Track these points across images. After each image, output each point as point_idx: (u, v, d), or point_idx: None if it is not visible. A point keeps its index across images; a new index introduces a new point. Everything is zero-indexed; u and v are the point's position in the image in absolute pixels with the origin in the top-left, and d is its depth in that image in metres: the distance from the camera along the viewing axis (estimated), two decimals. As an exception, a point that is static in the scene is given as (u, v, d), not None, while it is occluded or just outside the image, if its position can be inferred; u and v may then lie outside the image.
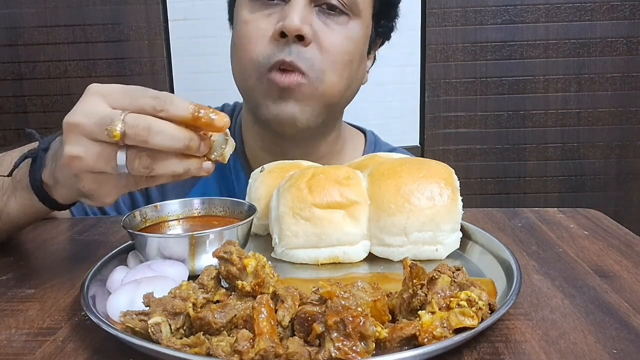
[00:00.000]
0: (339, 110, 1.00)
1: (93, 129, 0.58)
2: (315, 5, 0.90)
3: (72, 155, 0.59)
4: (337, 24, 0.91)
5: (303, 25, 0.86)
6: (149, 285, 0.56)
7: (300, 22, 0.86)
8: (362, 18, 0.94)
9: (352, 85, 0.97)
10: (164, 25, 2.39)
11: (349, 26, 0.92)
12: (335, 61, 0.91)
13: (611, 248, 0.74)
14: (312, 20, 0.89)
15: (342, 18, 0.92)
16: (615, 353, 0.49)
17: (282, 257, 0.70)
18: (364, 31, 0.95)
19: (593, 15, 2.35)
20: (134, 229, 0.68)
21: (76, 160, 0.59)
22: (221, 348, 0.46)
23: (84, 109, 0.60)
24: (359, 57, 0.96)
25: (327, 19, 0.91)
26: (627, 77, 2.40)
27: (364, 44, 0.97)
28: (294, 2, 0.88)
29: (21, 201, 0.73)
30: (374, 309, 0.50)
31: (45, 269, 0.73)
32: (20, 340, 0.55)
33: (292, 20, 0.85)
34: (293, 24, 0.85)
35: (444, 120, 2.45)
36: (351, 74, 0.94)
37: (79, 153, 0.59)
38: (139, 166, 0.58)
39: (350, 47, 0.93)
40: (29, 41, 2.41)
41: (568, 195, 2.49)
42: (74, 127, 0.59)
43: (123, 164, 0.58)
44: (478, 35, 2.38)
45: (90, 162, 0.59)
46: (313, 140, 1.01)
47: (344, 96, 0.97)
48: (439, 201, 0.68)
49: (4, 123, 2.48)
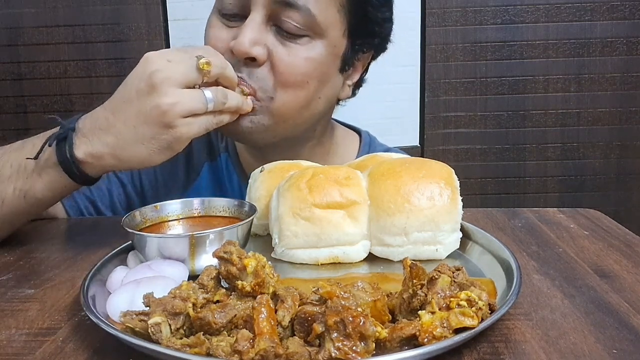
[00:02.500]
0: (301, 127, 0.96)
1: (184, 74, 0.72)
2: (273, 25, 0.87)
3: (170, 103, 0.70)
4: (297, 43, 0.87)
5: (253, 47, 0.84)
6: (149, 285, 0.56)
7: (250, 45, 0.84)
8: (327, 37, 0.89)
9: (312, 105, 0.93)
10: (164, 25, 2.39)
11: (310, 46, 0.88)
12: (288, 82, 0.87)
13: (611, 248, 0.75)
14: (267, 39, 0.86)
15: (302, 39, 0.88)
16: (615, 353, 0.49)
17: (282, 257, 0.70)
18: (329, 50, 0.90)
19: (593, 15, 2.35)
20: (134, 229, 0.68)
21: (174, 106, 0.70)
22: (221, 348, 0.46)
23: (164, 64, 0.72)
24: (321, 77, 0.91)
25: (284, 39, 0.87)
26: (627, 77, 2.40)
27: (329, 63, 0.92)
28: (248, 23, 0.85)
29: (48, 179, 0.77)
30: (374, 309, 0.50)
31: (45, 269, 0.74)
32: (20, 340, 0.55)
33: (241, 43, 0.84)
34: (241, 47, 0.84)
35: (443, 120, 2.45)
36: (308, 94, 0.90)
37: (176, 99, 0.71)
38: (221, 97, 0.76)
39: (307, 67, 0.88)
40: (29, 41, 2.41)
41: (568, 195, 2.49)
42: (163, 80, 0.71)
43: (211, 97, 0.74)
44: (478, 35, 2.38)
45: (187, 104, 0.72)
46: (292, 147, 0.99)
47: (301, 116, 0.92)
48: (438, 201, 0.68)
49: (4, 123, 2.48)
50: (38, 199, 0.79)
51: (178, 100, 0.71)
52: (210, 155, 1.10)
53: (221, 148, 1.10)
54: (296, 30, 0.86)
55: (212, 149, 1.10)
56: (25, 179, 0.78)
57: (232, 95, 0.80)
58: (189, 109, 0.72)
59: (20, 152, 0.80)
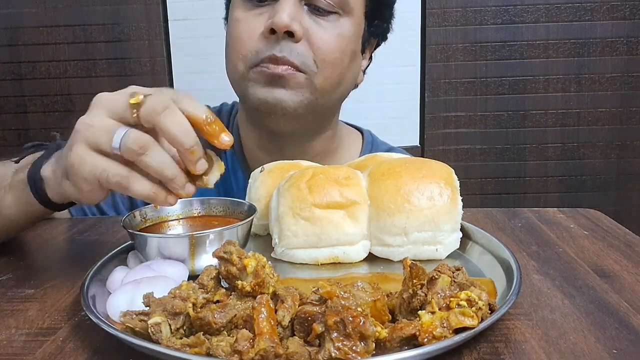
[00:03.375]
0: (331, 107, 1.00)
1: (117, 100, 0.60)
2: (306, 4, 0.91)
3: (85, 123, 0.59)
4: (328, 21, 0.92)
5: (292, 22, 0.87)
6: (149, 285, 0.56)
7: (289, 19, 0.87)
8: (353, 15, 0.95)
9: (344, 82, 0.97)
10: (164, 25, 2.38)
11: (339, 23, 0.93)
12: (326, 58, 0.92)
13: (611, 248, 0.75)
14: (302, 17, 0.90)
15: (332, 16, 0.92)
16: (615, 353, 0.49)
17: (282, 257, 0.70)
18: (355, 28, 0.96)
19: (593, 15, 2.35)
20: (134, 229, 0.68)
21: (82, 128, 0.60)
22: (221, 348, 0.46)
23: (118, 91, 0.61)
24: (351, 54, 0.96)
25: (317, 17, 0.92)
26: (627, 77, 2.40)
27: (355, 41, 0.97)
28: (284, 0, 0.88)
29: (17, 194, 0.72)
30: (374, 309, 0.50)
31: (45, 269, 0.73)
32: (20, 340, 0.55)
33: (281, 17, 0.87)
34: (282, 21, 0.86)
35: (443, 120, 2.45)
36: (342, 71, 0.95)
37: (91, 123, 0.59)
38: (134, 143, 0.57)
39: (341, 44, 0.93)
40: (29, 41, 2.41)
41: (568, 195, 2.49)
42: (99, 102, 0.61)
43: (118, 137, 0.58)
44: (478, 35, 2.38)
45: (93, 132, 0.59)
46: (308, 138, 1.01)
47: (335, 93, 0.97)
48: (438, 201, 0.68)
49: (4, 123, 2.48)
50: (6, 216, 0.75)
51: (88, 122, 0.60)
52: None
53: None
54: (328, 7, 0.91)
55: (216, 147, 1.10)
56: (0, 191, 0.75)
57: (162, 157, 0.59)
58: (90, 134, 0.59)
59: (7, 166, 0.77)
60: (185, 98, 0.59)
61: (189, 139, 0.58)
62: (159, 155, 0.58)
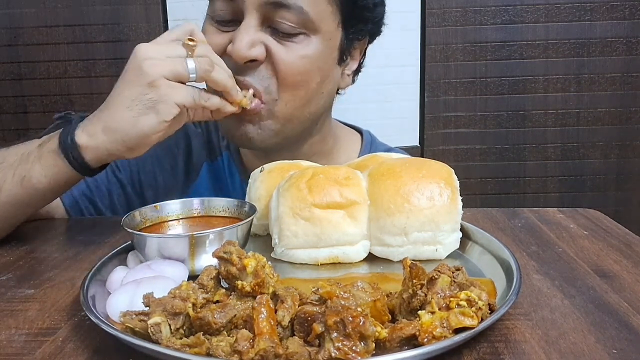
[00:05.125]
0: (305, 124, 0.96)
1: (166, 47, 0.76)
2: (268, 26, 0.87)
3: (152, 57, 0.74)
4: (293, 42, 0.88)
5: (251, 50, 0.85)
6: (149, 285, 0.56)
7: (247, 48, 0.84)
8: (321, 32, 0.89)
9: (313, 100, 0.94)
10: (164, 25, 2.39)
11: (306, 43, 0.89)
12: (288, 80, 0.88)
13: (611, 248, 0.75)
14: (265, 38, 0.86)
15: (298, 37, 0.88)
16: (615, 353, 0.49)
17: (282, 257, 0.70)
18: (325, 44, 0.91)
19: (593, 15, 2.35)
20: (134, 229, 0.68)
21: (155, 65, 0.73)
22: (221, 348, 0.46)
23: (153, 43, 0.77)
24: (319, 73, 0.92)
25: (280, 38, 0.88)
26: (627, 77, 2.40)
27: (326, 58, 0.93)
28: (243, 27, 0.85)
29: (46, 165, 0.77)
30: (373, 309, 0.50)
31: (45, 269, 0.73)
32: (20, 340, 0.55)
33: (238, 48, 0.84)
34: (239, 52, 0.84)
35: (443, 120, 2.45)
36: (308, 92, 0.91)
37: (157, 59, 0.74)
38: (205, 64, 0.76)
39: (305, 65, 0.89)
40: (29, 41, 2.41)
41: (568, 195, 2.49)
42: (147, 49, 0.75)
43: (193, 66, 0.75)
44: (478, 35, 2.38)
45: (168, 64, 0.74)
46: (294, 145, 1.00)
47: (303, 113, 0.94)
48: (438, 201, 0.68)
49: (4, 123, 2.48)
50: (34, 186, 0.78)
51: (159, 61, 0.73)
52: (210, 155, 1.10)
53: (222, 147, 1.10)
54: (291, 29, 0.87)
55: (212, 149, 1.10)
56: (25, 164, 0.78)
57: (219, 70, 0.79)
58: (170, 69, 0.73)
59: (30, 143, 0.81)
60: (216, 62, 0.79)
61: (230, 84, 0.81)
62: (220, 69, 0.79)
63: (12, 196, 0.79)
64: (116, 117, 0.74)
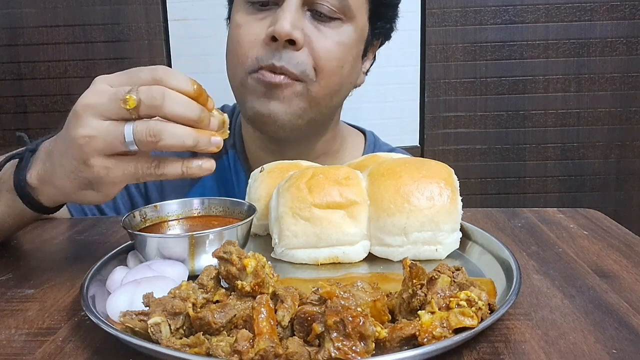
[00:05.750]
0: (327, 112, 0.99)
1: (107, 105, 0.60)
2: (308, 10, 0.89)
3: (85, 136, 0.60)
4: (330, 28, 0.90)
5: (294, 30, 0.86)
6: (149, 285, 0.56)
7: (291, 27, 0.85)
8: (356, 21, 0.93)
9: (342, 89, 0.96)
10: (164, 25, 2.38)
11: (342, 30, 0.91)
12: (325, 67, 0.90)
13: (611, 248, 0.75)
14: (304, 24, 0.88)
15: (334, 22, 0.91)
16: (615, 353, 0.49)
17: (282, 257, 0.70)
18: (358, 34, 0.94)
19: (593, 15, 2.35)
20: (134, 229, 0.68)
21: (90, 141, 0.60)
22: (221, 348, 0.46)
23: (94, 91, 0.62)
24: (351, 62, 0.95)
25: (319, 23, 0.90)
26: (627, 77, 2.40)
27: (357, 48, 0.96)
28: (286, 6, 0.87)
29: (5, 203, 0.73)
30: (373, 309, 0.50)
31: (45, 269, 0.73)
32: (20, 340, 0.55)
33: (283, 26, 0.85)
34: (283, 29, 0.85)
35: (443, 120, 2.45)
36: (341, 79, 0.94)
37: (92, 132, 0.60)
38: (146, 136, 0.60)
39: (341, 52, 0.92)
40: (29, 41, 2.41)
41: (568, 195, 2.49)
42: (85, 108, 0.61)
43: (131, 137, 0.60)
44: (478, 35, 2.38)
45: (103, 141, 0.60)
46: (308, 140, 1.01)
47: (332, 100, 0.96)
48: (438, 201, 0.68)
49: (4, 123, 2.48)
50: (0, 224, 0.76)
51: (93, 134, 0.60)
52: (214, 153, 1.10)
53: (228, 145, 1.10)
54: (331, 12, 0.89)
55: None
56: None
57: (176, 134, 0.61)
58: (105, 146, 0.61)
59: None
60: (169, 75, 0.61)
61: (194, 113, 0.61)
62: (172, 134, 0.60)
63: None
64: (59, 181, 0.66)
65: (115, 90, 0.61)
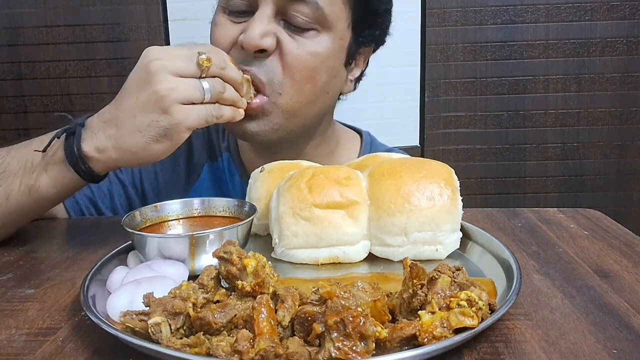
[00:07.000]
0: (309, 122, 0.96)
1: (183, 65, 0.74)
2: (282, 19, 0.87)
3: (167, 88, 0.72)
4: (305, 38, 0.88)
5: (263, 39, 0.84)
6: (149, 285, 0.56)
7: (260, 37, 0.84)
8: (334, 31, 0.90)
9: (319, 99, 0.94)
10: (164, 25, 2.39)
11: (318, 40, 0.89)
12: (295, 76, 0.88)
13: (611, 248, 0.75)
14: (277, 30, 0.87)
15: (310, 32, 0.88)
16: (615, 353, 0.49)
17: (282, 257, 0.70)
18: (336, 44, 0.91)
19: (593, 15, 2.35)
20: (134, 229, 0.68)
21: (171, 92, 0.72)
22: (221, 348, 0.46)
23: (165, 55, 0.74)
24: (327, 71, 0.92)
25: (294, 33, 0.88)
26: (627, 77, 2.40)
27: (335, 57, 0.93)
28: (257, 16, 0.85)
29: (54, 175, 0.78)
30: (374, 309, 0.50)
31: (45, 269, 0.74)
32: (20, 340, 0.55)
33: (251, 37, 0.84)
34: (252, 41, 0.84)
35: (443, 120, 2.45)
36: (315, 89, 0.91)
37: (172, 85, 0.72)
38: (218, 87, 0.77)
39: (314, 62, 0.89)
40: (29, 41, 2.41)
41: (568, 195, 2.49)
42: (162, 68, 0.73)
43: (208, 86, 0.75)
44: (478, 35, 2.38)
45: (183, 92, 0.73)
46: (298, 144, 1.00)
47: (310, 110, 0.93)
48: (438, 201, 0.68)
49: (4, 123, 2.48)
50: (42, 195, 0.79)
51: (174, 87, 0.72)
52: (210, 156, 1.10)
53: (223, 148, 1.10)
54: (305, 23, 0.87)
55: (213, 150, 1.11)
56: (31, 174, 0.79)
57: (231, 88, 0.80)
58: (185, 96, 0.73)
59: (29, 148, 0.81)
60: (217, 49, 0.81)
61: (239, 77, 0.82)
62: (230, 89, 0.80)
63: (20, 205, 0.80)
64: (128, 140, 0.74)
65: (188, 54, 0.75)
